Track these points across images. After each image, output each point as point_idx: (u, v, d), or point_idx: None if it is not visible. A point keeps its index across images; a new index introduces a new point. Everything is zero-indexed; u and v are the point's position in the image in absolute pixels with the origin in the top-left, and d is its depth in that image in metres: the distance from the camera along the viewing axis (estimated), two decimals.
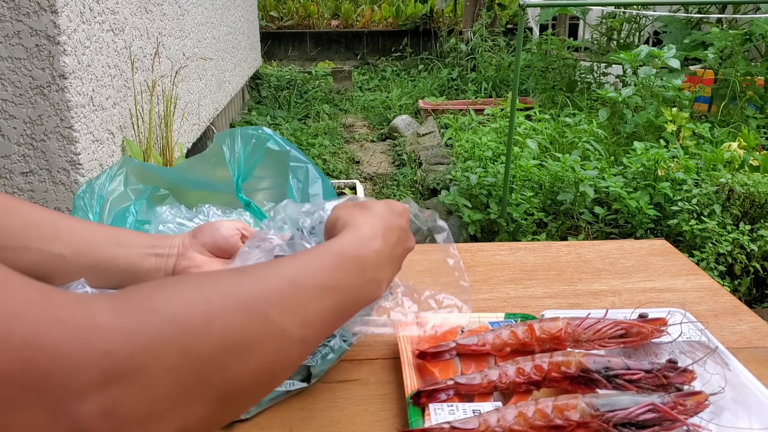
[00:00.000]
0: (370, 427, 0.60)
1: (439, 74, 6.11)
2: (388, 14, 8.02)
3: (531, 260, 0.96)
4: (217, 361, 0.34)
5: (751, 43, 3.89)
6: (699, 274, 0.91)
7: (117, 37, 2.04)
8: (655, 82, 3.31)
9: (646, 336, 0.63)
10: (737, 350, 0.67)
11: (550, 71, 4.83)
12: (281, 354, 0.40)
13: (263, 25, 7.23)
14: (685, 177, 2.63)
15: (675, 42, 4.04)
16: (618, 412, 0.52)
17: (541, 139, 3.24)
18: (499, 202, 2.78)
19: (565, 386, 0.59)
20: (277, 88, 5.62)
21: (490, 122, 3.75)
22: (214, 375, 0.34)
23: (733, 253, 2.35)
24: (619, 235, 2.64)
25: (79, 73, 1.74)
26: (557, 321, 0.65)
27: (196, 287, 0.37)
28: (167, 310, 0.34)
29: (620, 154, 3.05)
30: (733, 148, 2.84)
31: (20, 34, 1.60)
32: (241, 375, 0.36)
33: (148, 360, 0.31)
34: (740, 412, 0.58)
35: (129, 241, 0.63)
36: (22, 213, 0.59)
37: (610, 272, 0.92)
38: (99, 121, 1.88)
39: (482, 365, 0.64)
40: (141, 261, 0.63)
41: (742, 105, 3.57)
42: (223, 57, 3.91)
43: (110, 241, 0.62)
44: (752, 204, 2.52)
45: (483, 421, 0.54)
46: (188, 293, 0.36)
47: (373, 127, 5.20)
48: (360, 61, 7.62)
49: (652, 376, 0.57)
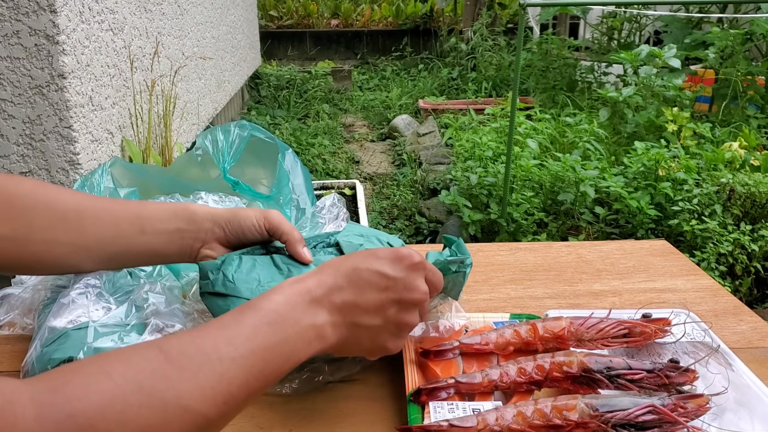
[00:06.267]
0: (370, 426, 0.59)
1: (439, 74, 6.10)
2: (388, 13, 8.02)
3: (531, 260, 0.96)
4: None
5: (751, 43, 3.89)
6: (700, 275, 0.91)
7: (116, 36, 2.04)
8: (655, 82, 3.31)
9: (650, 336, 0.63)
10: (738, 351, 0.67)
11: (550, 71, 4.82)
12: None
13: (263, 25, 7.23)
14: (685, 177, 2.62)
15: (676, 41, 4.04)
16: (617, 413, 0.52)
17: (542, 139, 3.23)
18: (499, 202, 2.77)
19: (566, 386, 0.59)
20: (276, 87, 5.62)
21: (491, 122, 3.75)
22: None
23: (734, 253, 2.34)
24: (620, 235, 2.64)
25: (78, 72, 1.74)
26: (560, 320, 0.65)
27: (119, 385, 0.37)
28: (86, 416, 0.34)
29: (621, 154, 3.05)
30: (734, 147, 2.84)
31: (19, 33, 1.59)
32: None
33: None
34: (743, 414, 0.58)
35: (155, 227, 0.64)
36: (48, 206, 0.61)
37: (611, 272, 0.92)
38: (98, 121, 1.87)
39: (485, 365, 0.64)
40: (165, 248, 0.65)
41: (743, 105, 3.57)
42: (223, 56, 3.91)
43: (134, 228, 0.63)
44: (753, 204, 2.51)
45: (481, 419, 0.54)
46: (110, 393, 0.36)
47: (373, 127, 5.20)
48: (360, 60, 7.62)
49: (654, 375, 0.57)
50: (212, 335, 0.43)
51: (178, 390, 0.39)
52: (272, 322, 0.46)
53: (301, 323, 0.48)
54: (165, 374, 0.39)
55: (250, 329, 0.45)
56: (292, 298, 0.49)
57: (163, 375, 0.39)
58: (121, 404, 0.36)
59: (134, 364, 0.39)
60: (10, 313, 0.73)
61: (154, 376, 0.39)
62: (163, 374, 0.39)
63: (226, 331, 0.44)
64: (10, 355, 0.70)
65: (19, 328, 0.73)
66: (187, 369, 0.40)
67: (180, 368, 0.40)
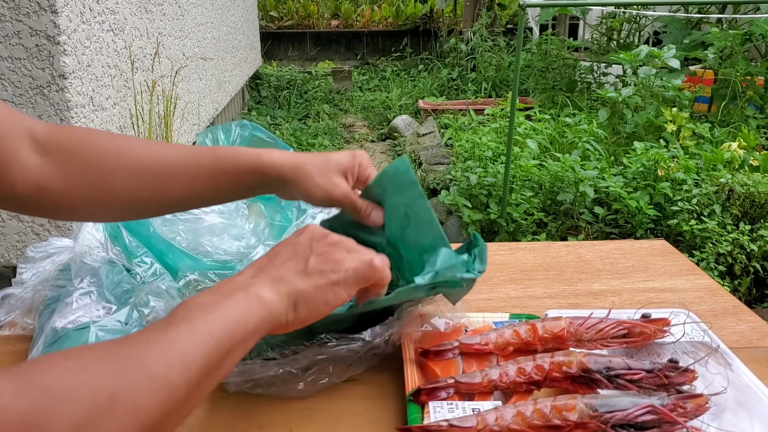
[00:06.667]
0: (370, 426, 0.59)
1: (439, 74, 6.10)
2: (388, 14, 8.02)
3: (531, 260, 0.96)
4: (109, 429, 0.37)
5: (751, 43, 3.89)
6: (699, 274, 0.91)
7: (117, 37, 2.04)
8: (655, 82, 3.31)
9: (649, 336, 0.63)
10: (737, 350, 0.67)
11: (550, 71, 4.82)
12: (170, 404, 0.42)
13: (263, 25, 7.23)
14: (685, 177, 2.62)
15: (675, 42, 4.04)
16: (616, 413, 0.52)
17: (541, 139, 3.23)
18: (499, 202, 2.78)
19: (566, 386, 0.59)
20: (277, 88, 5.62)
21: (490, 122, 3.75)
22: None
23: (733, 253, 2.34)
24: (619, 235, 2.64)
25: (79, 73, 1.74)
26: (560, 320, 0.65)
27: (80, 361, 0.40)
28: (58, 385, 0.37)
29: (620, 154, 3.05)
30: (733, 148, 2.84)
31: (20, 34, 1.60)
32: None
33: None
34: (742, 413, 0.58)
35: (229, 185, 0.66)
36: (129, 168, 0.63)
37: (610, 272, 0.92)
38: (99, 121, 1.88)
39: (484, 364, 0.64)
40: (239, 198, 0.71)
41: (742, 105, 3.57)
42: (223, 57, 3.91)
43: (210, 185, 0.66)
44: (752, 204, 2.52)
45: (481, 419, 0.54)
46: (75, 367, 0.39)
47: (373, 127, 5.20)
48: (360, 61, 7.62)
49: (653, 375, 0.57)
50: (154, 325, 0.47)
51: (134, 358, 0.41)
52: (202, 303, 0.48)
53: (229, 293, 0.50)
54: (118, 351, 0.42)
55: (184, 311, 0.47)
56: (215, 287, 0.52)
57: (117, 351, 0.42)
58: (87, 374, 0.39)
59: (89, 349, 0.43)
60: (11, 313, 0.73)
61: (109, 352, 0.42)
62: (116, 351, 0.42)
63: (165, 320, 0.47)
64: (11, 355, 0.70)
65: (19, 328, 0.73)
66: (139, 342, 0.43)
67: (132, 343, 0.43)
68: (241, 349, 0.48)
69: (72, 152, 0.62)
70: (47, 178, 0.61)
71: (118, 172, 0.63)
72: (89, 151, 0.63)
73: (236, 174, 0.65)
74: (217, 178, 0.65)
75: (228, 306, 0.48)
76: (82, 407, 0.37)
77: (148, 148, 0.65)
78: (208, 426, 0.60)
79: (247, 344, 0.49)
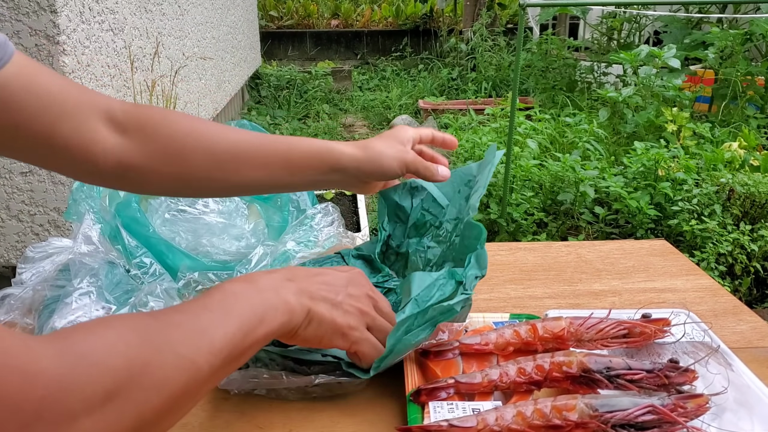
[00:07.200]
0: (370, 426, 0.59)
1: (439, 74, 6.10)
2: (388, 14, 8.02)
3: (531, 260, 0.96)
4: (134, 399, 0.39)
5: (751, 43, 3.89)
6: (699, 274, 0.91)
7: (116, 36, 2.04)
8: (655, 82, 3.31)
9: (649, 336, 0.63)
10: (738, 350, 0.67)
11: (550, 71, 4.82)
12: (191, 384, 0.44)
13: (263, 25, 7.23)
14: (685, 177, 2.62)
15: (675, 42, 4.04)
16: (617, 413, 0.52)
17: (542, 139, 3.23)
18: (499, 202, 2.77)
19: (566, 386, 0.59)
20: (276, 87, 5.62)
21: (490, 122, 3.75)
22: (130, 410, 0.39)
23: (733, 253, 2.34)
24: (620, 235, 2.64)
25: (79, 72, 1.74)
26: (560, 320, 0.65)
27: (119, 330, 0.42)
28: (95, 353, 0.39)
29: (620, 154, 3.05)
30: (734, 148, 2.84)
31: (20, 33, 1.59)
32: (155, 408, 0.41)
33: (74, 403, 0.36)
34: (742, 413, 0.58)
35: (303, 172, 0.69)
36: (206, 150, 0.66)
37: (611, 272, 0.92)
38: None
39: (484, 365, 0.64)
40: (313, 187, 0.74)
41: (742, 105, 3.57)
42: (223, 57, 3.91)
43: (284, 171, 0.69)
44: (753, 204, 2.51)
45: (481, 419, 0.54)
46: (112, 336, 0.41)
47: (373, 127, 5.20)
48: (360, 60, 7.62)
49: (654, 376, 0.57)
50: (189, 304, 0.49)
51: (167, 336, 0.43)
52: (237, 293, 0.50)
53: (262, 289, 0.52)
54: (154, 326, 0.44)
55: (219, 297, 0.50)
56: (250, 277, 0.55)
57: (153, 326, 0.44)
58: (124, 344, 0.40)
59: (128, 320, 0.44)
60: (11, 313, 0.73)
61: (147, 326, 0.44)
62: (152, 326, 0.44)
63: (200, 301, 0.49)
64: None
65: (19, 328, 0.73)
66: (172, 323, 0.45)
67: (166, 323, 0.45)
68: (259, 345, 0.51)
69: (153, 131, 0.64)
70: (129, 155, 0.63)
71: (198, 152, 0.66)
72: (168, 131, 0.65)
73: (310, 160, 0.69)
74: (291, 165, 0.69)
75: (260, 302, 0.51)
76: (115, 376, 0.39)
77: (225, 132, 0.68)
78: (208, 426, 0.60)
79: (265, 341, 0.51)
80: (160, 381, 0.41)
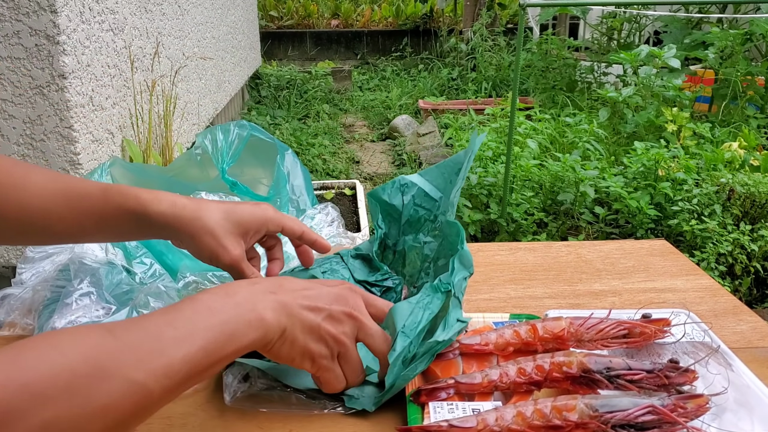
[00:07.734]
0: (371, 426, 0.59)
1: (439, 74, 6.10)
2: (388, 14, 8.02)
3: (531, 260, 0.96)
4: (76, 427, 0.39)
5: (751, 43, 3.89)
6: (699, 275, 0.91)
7: (116, 36, 2.04)
8: (655, 82, 3.31)
9: (650, 336, 0.63)
10: (738, 350, 0.67)
11: (550, 71, 4.82)
12: (140, 408, 0.43)
13: (263, 25, 7.23)
14: (685, 177, 2.62)
15: (675, 42, 4.04)
16: (617, 414, 0.52)
17: (542, 139, 3.23)
18: (499, 202, 2.77)
19: (566, 386, 0.59)
20: (276, 87, 5.61)
21: (490, 122, 3.75)
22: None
23: (733, 253, 2.34)
24: (620, 235, 2.64)
25: (79, 72, 1.74)
26: (560, 321, 0.65)
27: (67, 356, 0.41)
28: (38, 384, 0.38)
29: (621, 154, 3.05)
30: (734, 148, 2.84)
31: (19, 33, 1.59)
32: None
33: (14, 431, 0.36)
34: (742, 414, 0.58)
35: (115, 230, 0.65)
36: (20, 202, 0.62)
37: (611, 272, 0.92)
38: (98, 121, 1.88)
39: (484, 365, 0.64)
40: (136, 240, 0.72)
41: (742, 105, 3.57)
42: (223, 57, 3.91)
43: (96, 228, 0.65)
44: (753, 204, 2.51)
45: (481, 420, 0.54)
46: (59, 363, 0.40)
47: (373, 127, 5.20)
48: (360, 60, 7.62)
49: (654, 376, 0.57)
50: (155, 318, 0.47)
51: (119, 361, 0.42)
52: (211, 308, 0.49)
53: (239, 303, 0.51)
54: (108, 348, 0.43)
55: (189, 312, 0.48)
56: (231, 287, 0.53)
57: (107, 348, 0.43)
58: (69, 373, 0.40)
59: (80, 339, 0.43)
60: (11, 313, 0.73)
61: (98, 348, 0.42)
62: (106, 348, 0.43)
63: (168, 316, 0.47)
64: None
65: (19, 328, 0.73)
66: (129, 343, 0.44)
67: (123, 343, 0.43)
68: (228, 360, 0.49)
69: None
70: None
71: (11, 205, 0.62)
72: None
73: (123, 219, 0.63)
74: (103, 223, 0.64)
75: (233, 317, 0.50)
76: (56, 407, 0.38)
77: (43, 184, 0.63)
78: (208, 426, 0.60)
79: (236, 356, 0.50)
80: (106, 407, 0.41)
